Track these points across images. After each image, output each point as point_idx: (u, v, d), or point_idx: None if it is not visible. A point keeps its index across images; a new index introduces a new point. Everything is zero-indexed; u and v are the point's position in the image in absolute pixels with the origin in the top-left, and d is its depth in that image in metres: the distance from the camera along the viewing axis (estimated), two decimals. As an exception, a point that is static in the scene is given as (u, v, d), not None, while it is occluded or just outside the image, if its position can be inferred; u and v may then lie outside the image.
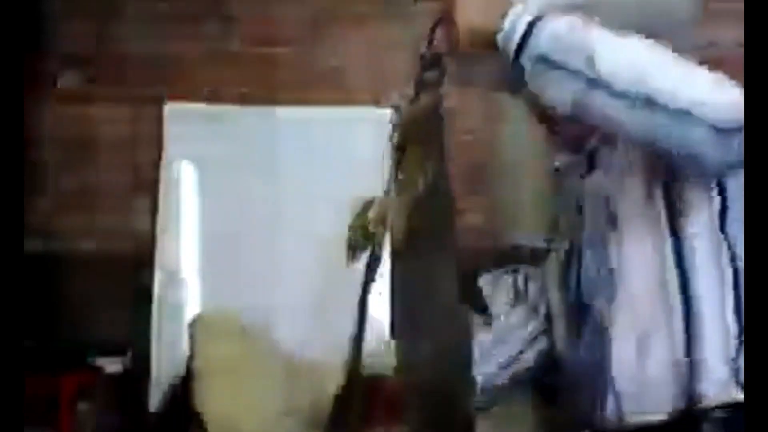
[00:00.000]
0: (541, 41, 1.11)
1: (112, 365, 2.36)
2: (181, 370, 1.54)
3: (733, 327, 1.14)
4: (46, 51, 2.70)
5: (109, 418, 2.33)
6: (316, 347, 1.77)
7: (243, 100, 2.66)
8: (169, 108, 2.65)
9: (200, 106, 2.65)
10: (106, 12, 2.73)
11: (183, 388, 1.52)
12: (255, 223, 2.54)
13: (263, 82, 2.68)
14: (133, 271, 2.53)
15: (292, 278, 2.52)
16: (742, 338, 1.13)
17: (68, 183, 2.67)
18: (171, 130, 2.63)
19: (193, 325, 1.55)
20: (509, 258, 2.10)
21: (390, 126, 1.32)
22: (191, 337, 1.53)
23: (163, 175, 2.60)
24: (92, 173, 2.66)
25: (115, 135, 2.68)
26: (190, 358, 1.50)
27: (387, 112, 1.34)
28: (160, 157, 2.62)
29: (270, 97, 2.64)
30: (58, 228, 2.62)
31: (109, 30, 2.72)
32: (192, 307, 2.42)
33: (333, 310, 2.43)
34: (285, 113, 2.58)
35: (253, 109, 2.62)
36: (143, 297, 2.50)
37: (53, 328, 2.45)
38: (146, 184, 2.63)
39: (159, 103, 2.65)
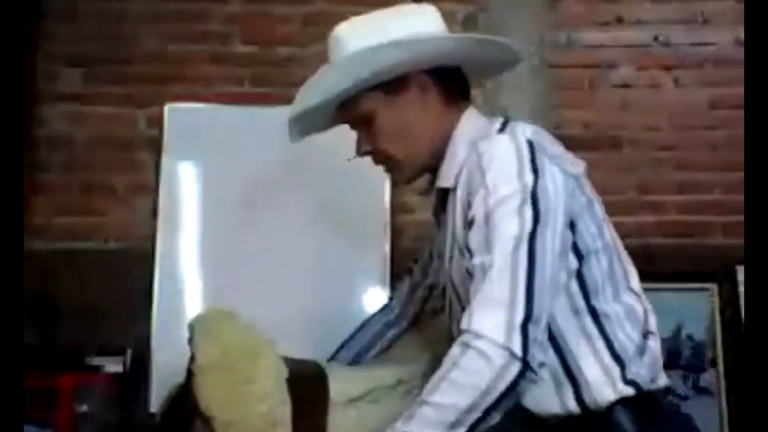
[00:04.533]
0: None
1: (112, 365, 2.36)
2: (182, 370, 1.53)
3: None
4: (46, 51, 2.70)
5: (109, 418, 2.33)
6: (316, 345, 1.77)
7: (243, 100, 2.66)
8: (169, 108, 2.64)
9: (200, 106, 2.65)
10: (106, 12, 2.73)
11: (183, 388, 1.51)
12: (255, 223, 2.54)
13: (263, 82, 2.68)
14: (133, 271, 2.53)
15: (292, 278, 2.52)
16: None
17: (68, 183, 2.66)
18: (171, 130, 2.62)
19: (193, 325, 1.54)
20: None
21: None
22: (191, 337, 1.52)
23: (163, 175, 2.60)
24: (92, 173, 2.66)
25: (115, 135, 2.68)
26: (191, 358, 1.49)
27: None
28: (160, 157, 2.61)
29: (270, 97, 2.64)
30: (58, 228, 2.62)
31: (109, 30, 2.72)
32: (192, 307, 2.42)
33: (332, 309, 2.45)
34: (285, 113, 2.57)
35: (253, 109, 2.61)
36: (143, 297, 2.50)
37: (53, 327, 2.45)
38: (146, 184, 2.63)
39: (159, 103, 2.65)
